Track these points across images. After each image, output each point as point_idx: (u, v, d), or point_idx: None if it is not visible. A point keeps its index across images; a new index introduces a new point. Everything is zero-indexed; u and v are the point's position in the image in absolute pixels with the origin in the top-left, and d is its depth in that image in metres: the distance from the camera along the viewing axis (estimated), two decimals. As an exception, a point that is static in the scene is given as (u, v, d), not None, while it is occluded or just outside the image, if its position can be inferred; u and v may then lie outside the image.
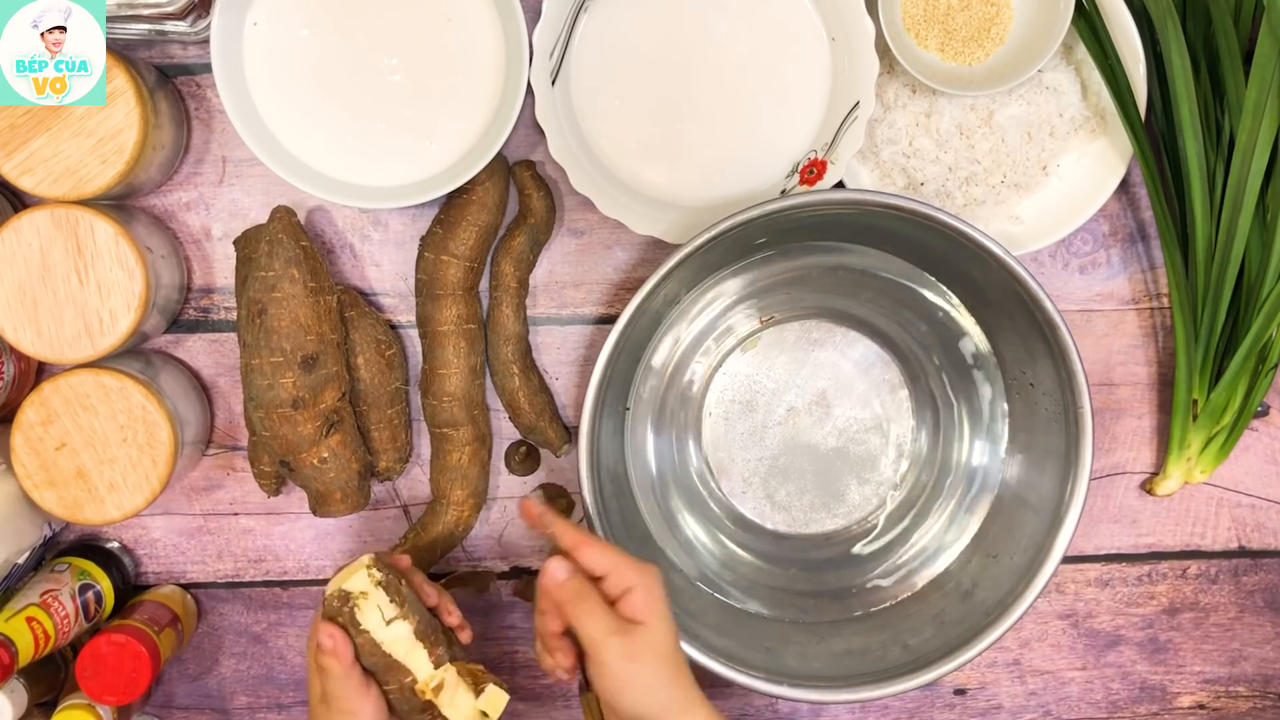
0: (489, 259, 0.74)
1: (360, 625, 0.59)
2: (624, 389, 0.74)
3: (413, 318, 0.76)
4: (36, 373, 0.75)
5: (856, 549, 0.78)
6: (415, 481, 0.78)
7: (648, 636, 0.57)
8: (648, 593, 0.58)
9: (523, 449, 0.77)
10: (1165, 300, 0.78)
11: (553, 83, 0.70)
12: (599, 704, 0.60)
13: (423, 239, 0.73)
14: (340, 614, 0.59)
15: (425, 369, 0.74)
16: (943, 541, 0.76)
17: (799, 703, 0.81)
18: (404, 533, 0.77)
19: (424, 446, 0.77)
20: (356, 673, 0.59)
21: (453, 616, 0.65)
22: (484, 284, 0.75)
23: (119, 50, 0.67)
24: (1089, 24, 0.70)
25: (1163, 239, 0.74)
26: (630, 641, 0.56)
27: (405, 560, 0.66)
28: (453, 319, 0.72)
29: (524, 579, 0.79)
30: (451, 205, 0.72)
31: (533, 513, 0.62)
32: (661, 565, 0.73)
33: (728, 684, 0.72)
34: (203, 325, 0.76)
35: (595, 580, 0.59)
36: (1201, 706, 0.83)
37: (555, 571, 0.58)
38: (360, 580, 0.60)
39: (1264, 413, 0.80)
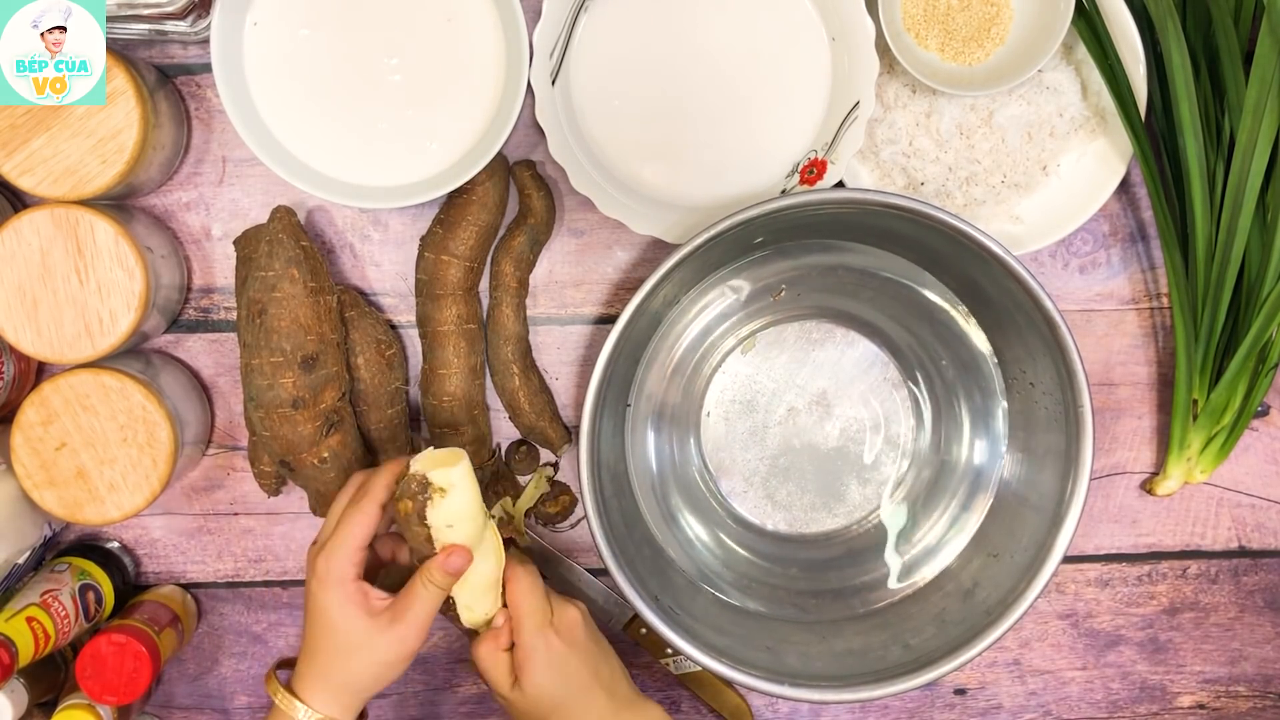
0: (489, 259, 0.74)
1: (424, 519, 0.58)
2: (624, 389, 0.74)
3: (413, 318, 0.76)
4: (36, 373, 0.75)
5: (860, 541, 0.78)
6: (415, 481, 0.78)
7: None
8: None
9: (523, 448, 0.77)
10: (1165, 300, 0.78)
11: (553, 83, 0.70)
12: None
13: (423, 239, 0.73)
14: (411, 496, 0.58)
15: (425, 369, 0.74)
16: (944, 540, 0.76)
17: (799, 702, 0.81)
18: (404, 533, 0.77)
19: (424, 447, 0.77)
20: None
21: None
22: (484, 284, 0.75)
23: (119, 50, 0.67)
24: (1089, 24, 0.70)
25: (1163, 239, 0.74)
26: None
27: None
28: (453, 319, 0.72)
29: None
30: (451, 205, 0.72)
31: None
32: (661, 564, 0.73)
33: (728, 683, 0.72)
34: (203, 325, 0.76)
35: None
36: (1201, 706, 0.83)
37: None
38: (446, 476, 0.58)
39: (1264, 413, 0.80)
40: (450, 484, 0.58)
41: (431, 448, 0.61)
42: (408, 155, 0.70)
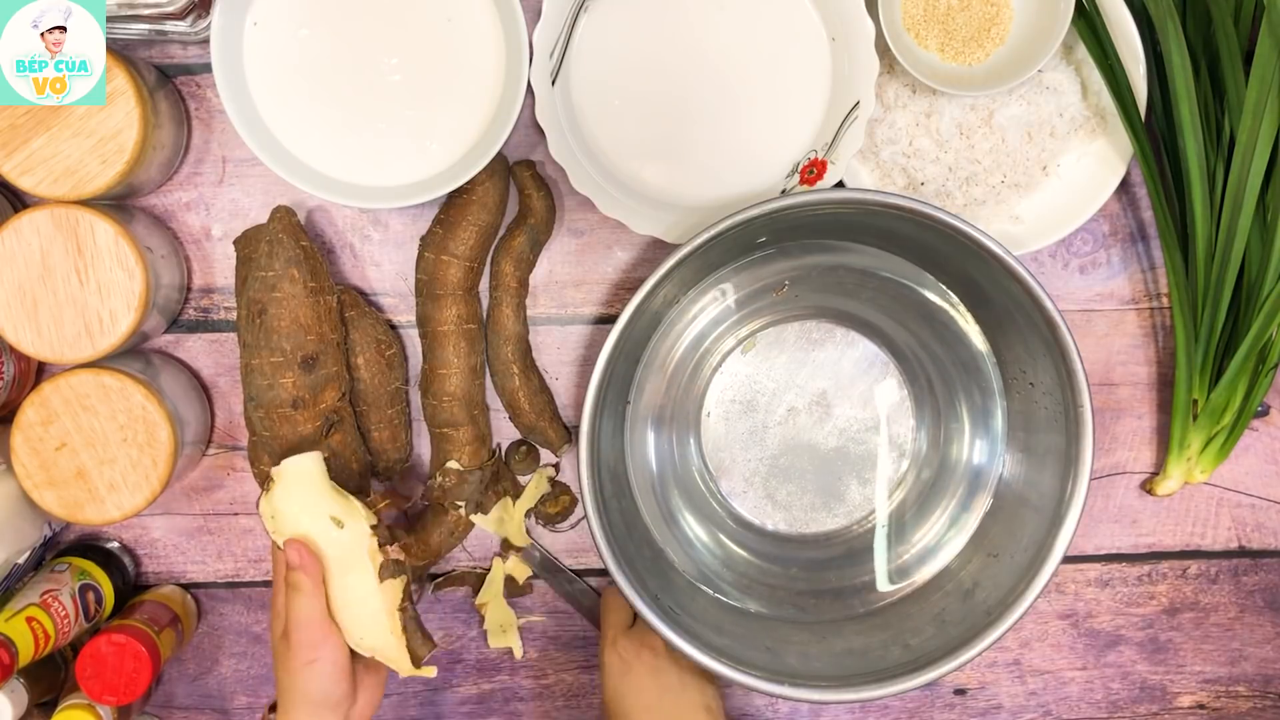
0: (489, 259, 0.74)
1: (259, 505, 0.63)
2: (624, 389, 0.74)
3: (413, 318, 0.76)
4: (36, 373, 0.75)
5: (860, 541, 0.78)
6: (415, 482, 0.78)
7: None
8: None
9: (523, 448, 0.77)
10: (1165, 300, 0.78)
11: (553, 83, 0.70)
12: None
13: (423, 239, 0.73)
14: (260, 485, 0.62)
15: (425, 369, 0.74)
16: (943, 540, 0.76)
17: (799, 702, 0.81)
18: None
19: (424, 446, 0.77)
20: (321, 601, 0.61)
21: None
22: (484, 284, 0.75)
23: (119, 50, 0.67)
24: (1089, 24, 0.70)
25: (1163, 239, 0.74)
26: None
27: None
28: (453, 319, 0.72)
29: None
30: (451, 205, 0.72)
31: None
32: (661, 564, 0.73)
33: (728, 684, 0.72)
34: (203, 325, 0.76)
35: None
36: (1201, 706, 0.83)
37: None
38: (279, 470, 0.63)
39: (1264, 413, 0.80)
40: (279, 475, 0.62)
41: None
42: (408, 155, 0.70)
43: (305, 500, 0.62)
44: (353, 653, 0.62)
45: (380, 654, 0.62)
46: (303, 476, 0.62)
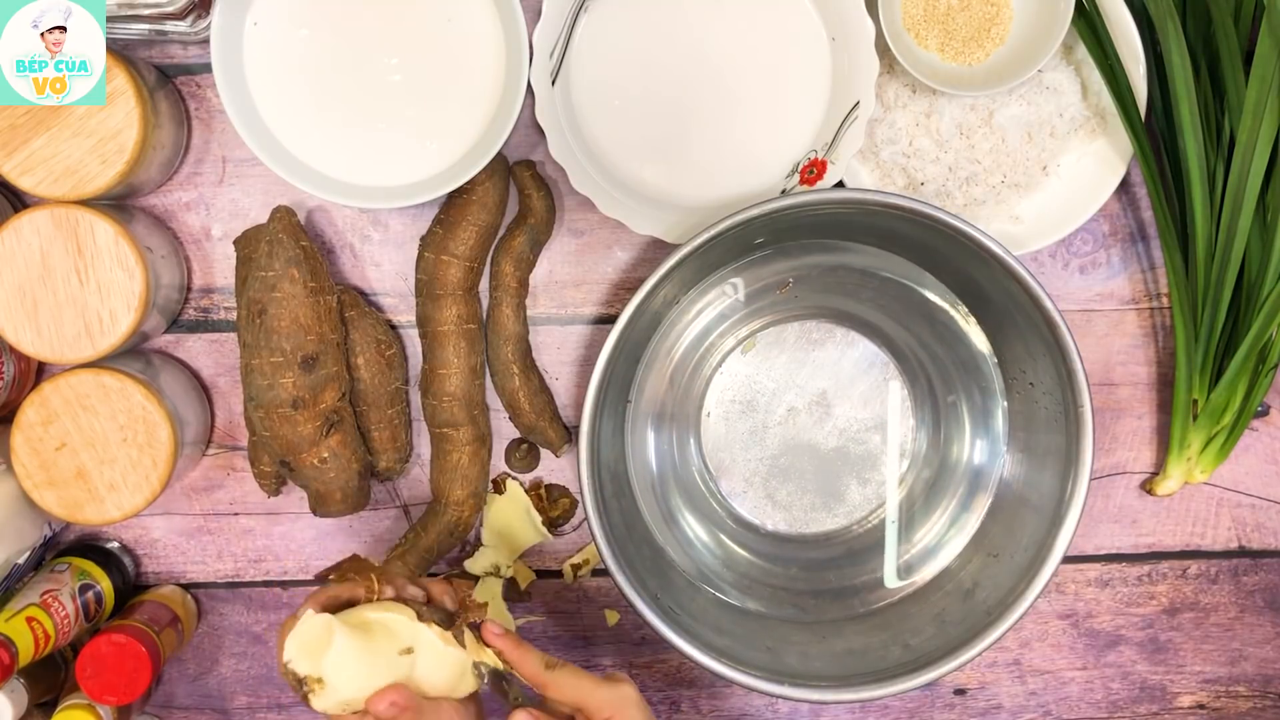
0: (489, 259, 0.74)
1: (313, 707, 0.52)
2: (624, 389, 0.74)
3: (413, 318, 0.76)
4: (36, 373, 0.75)
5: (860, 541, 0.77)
6: (415, 481, 0.78)
7: None
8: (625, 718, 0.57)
9: (524, 446, 0.77)
10: (1165, 300, 0.78)
11: (553, 83, 0.70)
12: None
13: (423, 239, 0.73)
14: (295, 689, 0.52)
15: (425, 369, 0.74)
16: (944, 540, 0.76)
17: (799, 702, 0.81)
18: (404, 533, 0.77)
19: (424, 446, 0.77)
20: (428, 706, 0.54)
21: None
22: (484, 284, 0.75)
23: (119, 50, 0.67)
24: (1089, 24, 0.70)
25: (1163, 239, 0.74)
26: None
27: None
28: (453, 319, 0.72)
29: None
30: (451, 205, 0.72)
31: (498, 644, 0.59)
32: (661, 564, 0.73)
33: (728, 684, 0.72)
34: (203, 325, 0.76)
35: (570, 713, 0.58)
36: (1201, 706, 0.83)
37: None
38: (315, 665, 0.51)
39: (1264, 413, 0.80)
40: (325, 677, 0.51)
41: (307, 612, 0.53)
42: (408, 155, 0.70)
43: (359, 669, 0.52)
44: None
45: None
46: (344, 659, 0.52)
